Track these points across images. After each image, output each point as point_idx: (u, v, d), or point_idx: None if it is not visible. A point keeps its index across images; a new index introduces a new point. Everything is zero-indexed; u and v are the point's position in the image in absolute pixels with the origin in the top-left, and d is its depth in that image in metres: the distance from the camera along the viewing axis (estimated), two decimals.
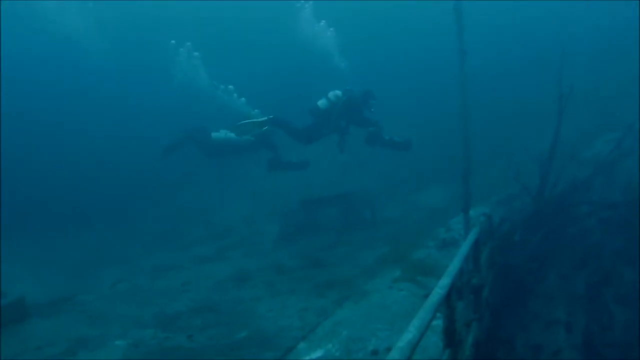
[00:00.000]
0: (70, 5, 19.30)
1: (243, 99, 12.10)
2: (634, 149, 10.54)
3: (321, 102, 10.53)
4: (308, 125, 10.61)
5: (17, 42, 21.72)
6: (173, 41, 13.41)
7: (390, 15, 26.76)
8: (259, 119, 10.74)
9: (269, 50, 25.82)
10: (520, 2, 24.54)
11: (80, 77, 23.46)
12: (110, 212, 15.99)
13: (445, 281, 3.54)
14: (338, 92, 10.58)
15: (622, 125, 10.85)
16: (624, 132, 10.29)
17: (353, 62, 12.26)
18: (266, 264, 9.61)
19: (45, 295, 9.55)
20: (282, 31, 18.22)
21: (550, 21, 23.10)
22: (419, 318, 2.66)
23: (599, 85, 15.71)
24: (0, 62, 20.70)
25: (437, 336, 4.58)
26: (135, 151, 19.51)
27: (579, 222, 9.50)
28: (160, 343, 6.83)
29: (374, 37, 25.17)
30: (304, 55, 17.63)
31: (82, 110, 22.10)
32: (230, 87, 12.25)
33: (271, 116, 10.76)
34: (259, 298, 8.09)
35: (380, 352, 5.20)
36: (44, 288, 10.04)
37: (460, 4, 5.84)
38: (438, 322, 3.94)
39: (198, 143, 11.00)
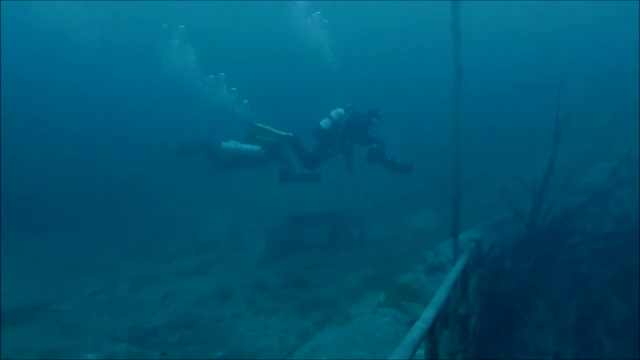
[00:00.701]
0: (61, 3, 19.08)
1: (234, 88, 11.84)
2: (630, 178, 10.40)
3: (324, 122, 10.43)
4: (315, 149, 10.51)
5: (8, 41, 21.42)
6: (165, 25, 13.07)
7: (385, 31, 26.80)
8: (279, 132, 10.59)
9: (263, 52, 25.75)
10: (517, 26, 24.63)
11: (69, 76, 23.22)
12: (95, 217, 15.69)
13: (428, 313, 3.33)
14: (340, 111, 10.48)
15: (618, 154, 10.71)
16: (620, 161, 10.13)
17: (346, 83, 12.14)
18: (249, 281, 9.38)
19: (22, 301, 9.29)
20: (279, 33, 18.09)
21: (548, 47, 23.15)
22: (397, 355, 2.45)
23: (595, 112, 15.64)
24: (0, 61, 20.47)
25: None
26: (124, 154, 19.27)
27: (570, 251, 9.32)
28: (133, 359, 6.60)
29: (367, 57, 25.09)
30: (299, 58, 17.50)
31: (71, 111, 21.83)
32: (222, 74, 11.97)
33: (291, 134, 10.62)
34: (240, 316, 7.85)
35: None
36: (21, 293, 9.76)
37: (457, 23, 5.70)
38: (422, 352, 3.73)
39: (210, 154, 10.82)
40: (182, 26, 13.15)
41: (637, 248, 9.13)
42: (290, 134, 10.65)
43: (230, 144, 10.73)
